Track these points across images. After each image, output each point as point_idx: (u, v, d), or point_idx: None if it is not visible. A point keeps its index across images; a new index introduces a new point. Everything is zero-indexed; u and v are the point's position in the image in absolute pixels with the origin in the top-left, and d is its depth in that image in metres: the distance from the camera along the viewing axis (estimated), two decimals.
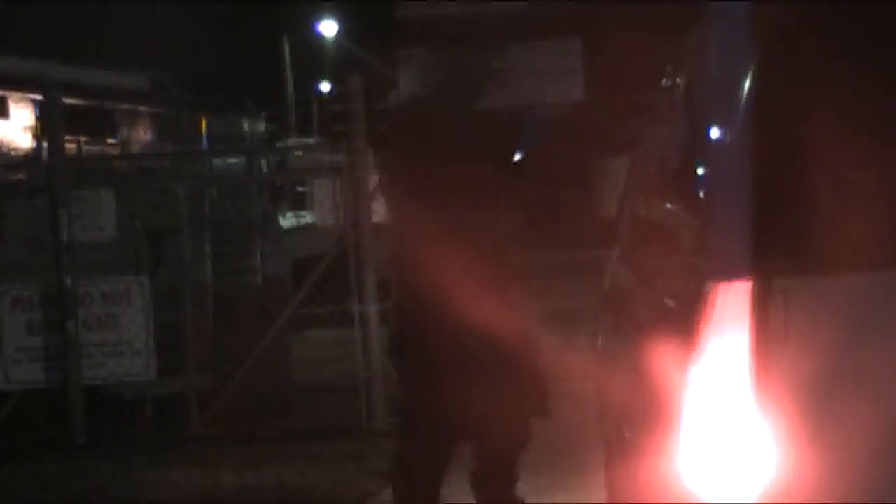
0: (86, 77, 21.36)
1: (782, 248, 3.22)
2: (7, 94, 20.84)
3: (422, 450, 5.74)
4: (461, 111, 5.64)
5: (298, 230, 17.30)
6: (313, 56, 43.89)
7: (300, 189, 20.06)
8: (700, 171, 3.58)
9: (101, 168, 13.21)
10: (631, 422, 4.24)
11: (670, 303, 3.70)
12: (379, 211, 10.76)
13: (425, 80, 5.90)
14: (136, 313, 9.64)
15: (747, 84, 3.31)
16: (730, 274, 3.20)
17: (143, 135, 24.10)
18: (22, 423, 9.88)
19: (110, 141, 22.76)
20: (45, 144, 12.83)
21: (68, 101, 11.15)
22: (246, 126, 25.60)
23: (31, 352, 9.71)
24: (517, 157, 5.70)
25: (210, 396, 9.80)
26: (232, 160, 15.32)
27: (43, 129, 16.52)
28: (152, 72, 23.72)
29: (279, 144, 23.73)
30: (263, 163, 15.41)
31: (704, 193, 3.42)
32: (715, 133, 3.41)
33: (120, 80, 23.36)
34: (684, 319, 3.34)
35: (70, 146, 13.13)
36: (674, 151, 4.40)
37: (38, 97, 17.23)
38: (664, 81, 5.06)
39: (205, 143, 22.58)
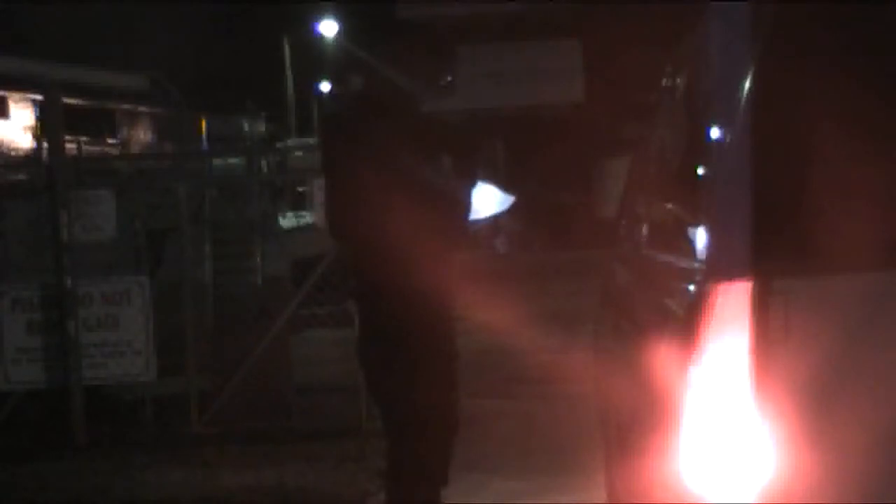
0: (86, 77, 21.39)
1: (782, 249, 3.22)
2: (7, 94, 20.85)
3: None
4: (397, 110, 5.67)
5: (298, 230, 17.30)
6: (313, 56, 43.90)
7: (300, 189, 20.06)
8: (700, 171, 3.58)
9: (101, 168, 13.20)
10: (631, 422, 4.24)
11: (670, 303, 3.70)
12: None
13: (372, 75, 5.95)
14: (136, 313, 9.64)
15: (747, 84, 3.31)
16: (730, 274, 3.20)
17: (143, 135, 24.12)
18: (22, 423, 9.87)
19: (110, 141, 22.78)
20: (45, 144, 12.83)
21: (68, 101, 11.15)
22: (246, 126, 25.61)
23: (31, 352, 9.70)
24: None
25: (210, 396, 9.80)
26: (232, 160, 15.33)
27: (43, 129, 16.52)
28: (152, 72, 23.73)
29: (279, 144, 23.73)
30: (263, 163, 15.41)
31: (704, 194, 3.42)
32: (715, 133, 3.41)
33: (120, 80, 23.38)
34: (684, 319, 3.34)
35: (70, 146, 13.12)
36: (674, 151, 4.40)
37: (38, 97, 17.26)
38: (664, 81, 5.07)
39: (205, 143, 22.59)
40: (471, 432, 6.60)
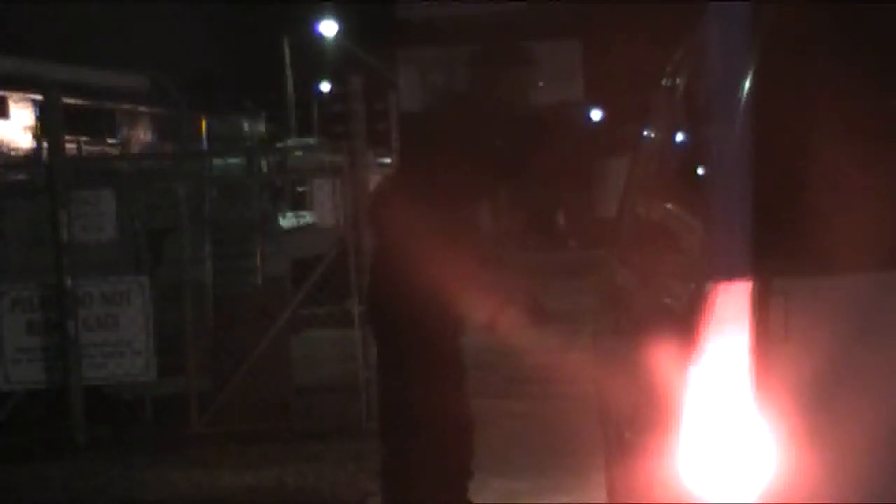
0: (86, 77, 21.36)
1: (782, 248, 3.22)
2: (7, 94, 20.84)
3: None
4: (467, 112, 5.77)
5: (298, 230, 17.30)
6: (313, 56, 43.90)
7: (300, 189, 20.06)
8: (700, 171, 3.58)
9: (101, 168, 13.19)
10: (631, 422, 4.24)
11: (670, 303, 3.70)
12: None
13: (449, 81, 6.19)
14: (136, 313, 9.64)
15: (747, 84, 3.31)
16: (730, 274, 3.20)
17: (143, 135, 24.11)
18: (22, 423, 9.87)
19: (110, 141, 22.77)
20: (45, 144, 12.82)
21: (68, 101, 11.14)
22: (246, 126, 25.59)
23: (31, 352, 9.70)
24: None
25: (210, 396, 9.79)
26: (232, 160, 15.33)
27: (43, 129, 16.51)
28: (152, 72, 23.71)
29: (279, 145, 23.73)
30: (263, 163, 15.40)
31: (704, 193, 3.42)
32: (715, 133, 3.41)
33: (120, 80, 23.36)
34: (684, 319, 3.34)
35: (70, 146, 13.11)
36: (674, 151, 4.40)
37: (38, 97, 17.24)
38: (664, 81, 5.07)
39: (205, 143, 22.57)
40: None
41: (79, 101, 18.68)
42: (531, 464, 8.08)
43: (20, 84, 20.23)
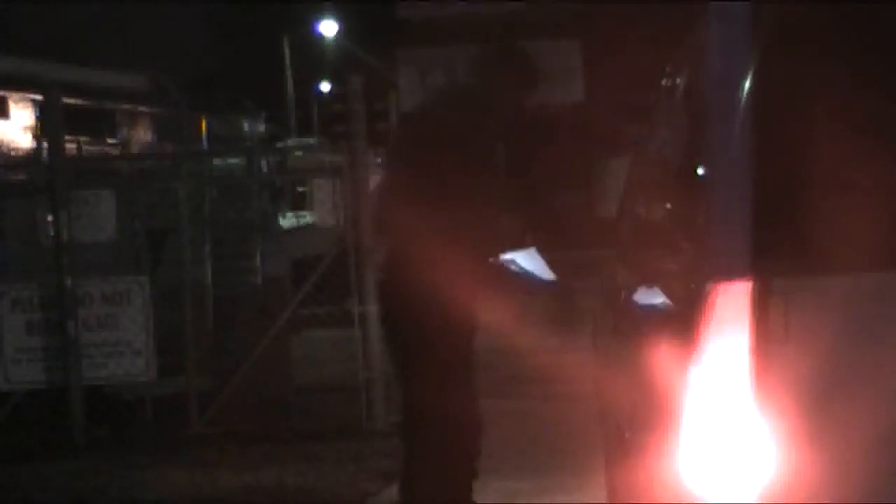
0: (86, 77, 21.37)
1: (782, 248, 3.22)
2: (7, 94, 20.84)
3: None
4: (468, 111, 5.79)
5: (298, 230, 17.29)
6: (313, 56, 43.92)
7: (300, 189, 20.07)
8: (700, 171, 3.58)
9: (101, 168, 13.20)
10: (631, 422, 4.24)
11: (670, 303, 3.70)
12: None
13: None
14: (136, 313, 9.64)
15: (747, 84, 3.31)
16: (730, 274, 3.20)
17: (143, 135, 24.10)
18: (22, 423, 9.87)
19: (110, 141, 22.76)
20: (45, 144, 12.83)
21: (68, 101, 11.15)
22: (246, 126, 25.59)
23: (31, 352, 9.70)
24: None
25: (210, 396, 9.80)
26: (232, 160, 15.34)
27: (43, 129, 16.51)
28: (152, 72, 23.71)
29: (279, 144, 23.73)
30: (263, 163, 15.39)
31: (704, 193, 3.42)
32: (714, 133, 3.41)
33: (120, 80, 23.36)
34: (684, 319, 3.34)
35: (70, 146, 13.12)
36: (674, 151, 4.40)
37: (38, 97, 17.25)
38: (664, 81, 5.07)
39: (205, 143, 22.57)
40: None
41: (79, 101, 18.68)
42: (531, 464, 8.08)
43: (20, 84, 20.24)
